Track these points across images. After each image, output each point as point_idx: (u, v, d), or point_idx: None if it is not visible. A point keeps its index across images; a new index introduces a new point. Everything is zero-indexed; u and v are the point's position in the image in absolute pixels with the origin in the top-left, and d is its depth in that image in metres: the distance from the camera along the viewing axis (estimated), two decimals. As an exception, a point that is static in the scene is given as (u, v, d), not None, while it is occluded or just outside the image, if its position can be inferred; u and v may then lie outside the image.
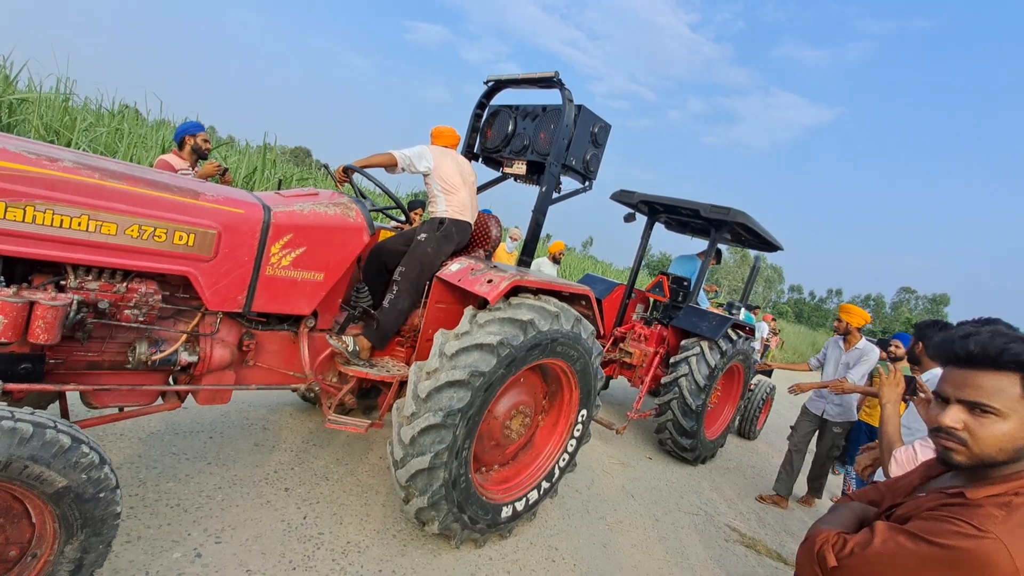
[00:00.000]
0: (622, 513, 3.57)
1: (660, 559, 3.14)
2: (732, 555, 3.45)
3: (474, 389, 2.31)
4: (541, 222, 3.09)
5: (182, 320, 2.16)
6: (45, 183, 1.65)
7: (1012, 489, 0.99)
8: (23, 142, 1.78)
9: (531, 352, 2.50)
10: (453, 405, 2.27)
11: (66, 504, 1.49)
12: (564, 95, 2.95)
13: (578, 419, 3.02)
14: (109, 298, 1.87)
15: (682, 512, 3.85)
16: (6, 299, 1.60)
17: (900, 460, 1.83)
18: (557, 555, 2.85)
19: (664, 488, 4.18)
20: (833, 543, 1.09)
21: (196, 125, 3.88)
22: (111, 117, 8.36)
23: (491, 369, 2.33)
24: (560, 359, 2.72)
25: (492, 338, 2.34)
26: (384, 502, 2.87)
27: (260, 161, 9.55)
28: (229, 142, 13.21)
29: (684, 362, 4.45)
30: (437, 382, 2.27)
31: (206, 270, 2.03)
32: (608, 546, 3.11)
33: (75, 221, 1.71)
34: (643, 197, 5.05)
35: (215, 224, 2.01)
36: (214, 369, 2.21)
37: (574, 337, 2.70)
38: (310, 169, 14.58)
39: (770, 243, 5.23)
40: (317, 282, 2.39)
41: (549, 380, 3.01)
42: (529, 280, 2.60)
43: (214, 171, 3.76)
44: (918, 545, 0.97)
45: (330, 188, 4.00)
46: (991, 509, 0.96)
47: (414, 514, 2.42)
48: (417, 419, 2.28)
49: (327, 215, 2.37)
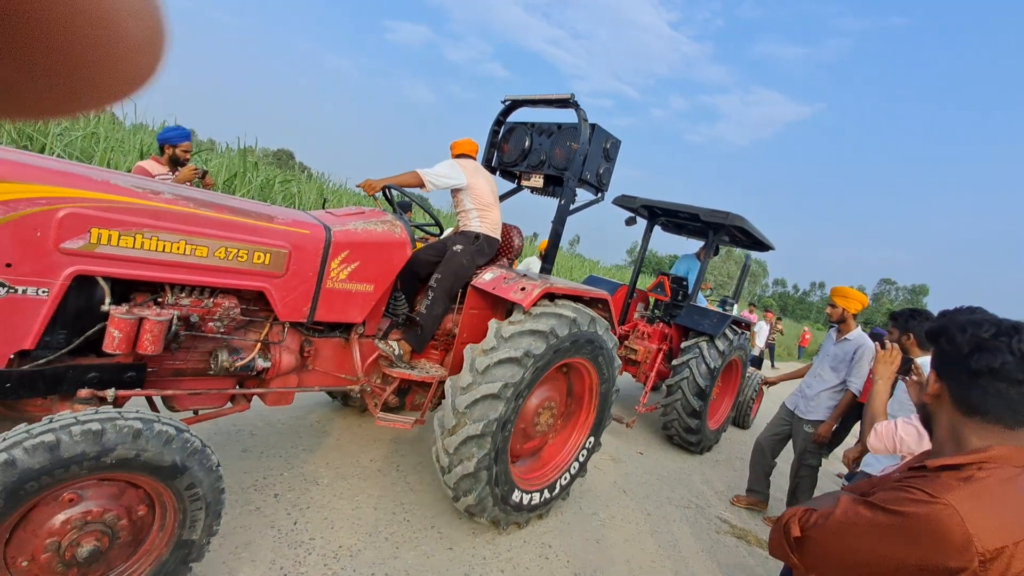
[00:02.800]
0: (614, 508, 3.67)
1: (653, 552, 3.24)
2: (723, 546, 3.58)
3: (506, 399, 2.60)
4: (560, 231, 3.40)
5: (252, 330, 2.42)
6: (151, 213, 1.91)
7: (974, 461, 1.02)
8: (122, 176, 2.03)
9: (555, 356, 2.80)
10: (489, 415, 2.56)
11: (182, 483, 1.75)
12: (580, 115, 3.26)
13: (599, 407, 3.34)
14: (199, 312, 2.13)
15: (673, 505, 3.99)
16: (122, 316, 1.86)
17: (880, 432, 1.94)
18: (550, 552, 2.94)
19: (655, 483, 4.32)
20: (799, 516, 1.13)
21: (180, 134, 3.75)
22: (86, 121, 8.31)
23: (520, 379, 2.62)
24: (580, 356, 3.03)
25: (518, 352, 2.61)
26: (376, 504, 2.91)
27: (241, 164, 9.53)
28: (210, 145, 13.19)
29: (685, 366, 4.82)
30: (474, 396, 2.55)
31: (279, 285, 2.30)
32: (601, 542, 3.20)
33: (175, 246, 1.97)
34: (644, 202, 5.40)
35: (287, 244, 2.28)
36: (282, 373, 2.49)
37: (590, 335, 3.00)
38: (293, 171, 14.59)
39: (763, 243, 5.62)
40: (368, 292, 2.67)
41: (571, 374, 3.31)
42: (557, 287, 2.91)
43: (192, 176, 3.64)
44: (875, 513, 1.00)
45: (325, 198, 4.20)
46: (948, 479, 0.99)
47: (464, 509, 2.73)
48: (459, 431, 2.56)
49: (377, 232, 2.64)
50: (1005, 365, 1.00)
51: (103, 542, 1.65)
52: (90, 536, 1.62)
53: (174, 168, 3.75)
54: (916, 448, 1.83)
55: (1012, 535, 0.91)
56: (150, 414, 1.73)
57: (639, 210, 5.67)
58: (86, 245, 1.77)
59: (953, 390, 1.09)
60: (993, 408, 1.04)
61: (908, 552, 0.95)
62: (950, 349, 1.09)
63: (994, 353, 1.02)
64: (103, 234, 1.80)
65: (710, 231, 5.42)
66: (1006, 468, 0.99)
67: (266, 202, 8.72)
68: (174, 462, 1.72)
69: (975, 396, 1.05)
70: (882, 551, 0.98)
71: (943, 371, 1.12)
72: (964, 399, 1.07)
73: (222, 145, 12.91)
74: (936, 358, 1.15)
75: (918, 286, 76.41)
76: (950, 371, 1.10)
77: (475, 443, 2.56)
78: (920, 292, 75.03)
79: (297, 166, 19.07)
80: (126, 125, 10.09)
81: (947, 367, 1.11)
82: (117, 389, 1.94)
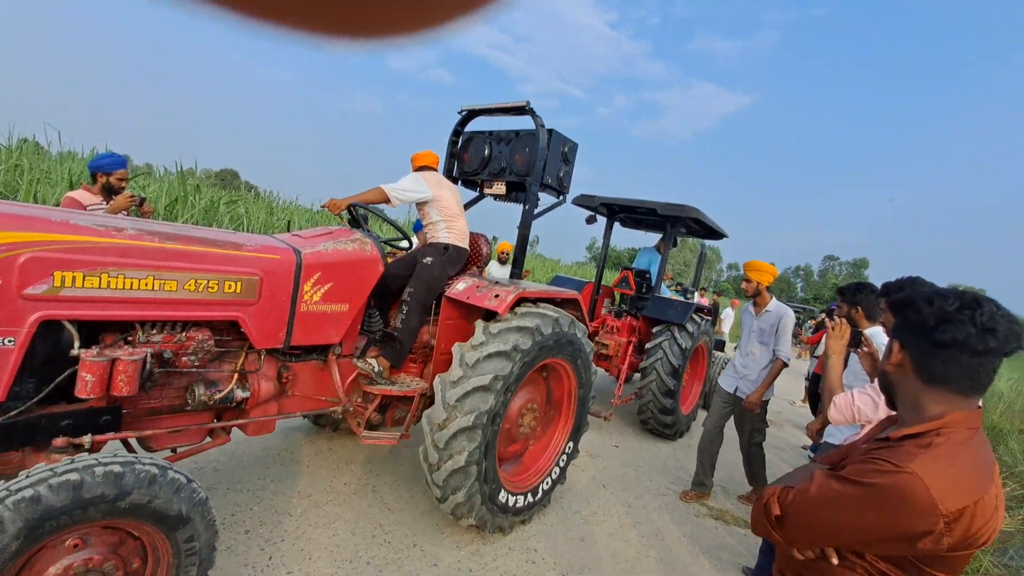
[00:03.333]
0: (595, 504, 3.73)
1: (637, 544, 3.31)
2: (703, 529, 3.70)
3: (496, 392, 2.67)
4: (527, 235, 3.48)
5: (227, 361, 2.39)
6: (116, 251, 1.87)
7: (932, 428, 1.08)
8: (81, 215, 1.97)
9: (540, 353, 2.89)
10: (480, 407, 2.62)
11: (183, 535, 1.73)
12: (536, 122, 3.36)
13: (577, 412, 3.44)
14: (172, 348, 2.09)
15: (652, 495, 4.08)
16: (94, 359, 1.81)
17: (839, 404, 2.04)
18: (536, 556, 2.95)
19: (633, 474, 4.41)
20: (778, 495, 1.18)
21: (114, 161, 3.55)
22: (8, 153, 7.80)
23: (509, 372, 2.71)
24: (560, 357, 3.13)
25: (507, 345, 2.71)
26: (353, 529, 2.86)
27: (181, 188, 9.16)
28: (147, 171, 12.58)
29: (658, 348, 5.02)
30: (464, 389, 2.62)
31: (252, 313, 2.28)
32: (586, 539, 3.24)
33: (143, 282, 1.93)
34: (603, 200, 5.57)
35: (257, 271, 2.26)
36: (262, 402, 2.46)
37: (571, 336, 3.11)
38: (239, 191, 14.09)
39: (718, 232, 5.90)
40: (343, 312, 2.67)
41: (550, 376, 3.40)
42: (530, 291, 2.99)
43: (128, 204, 3.45)
44: (846, 486, 1.05)
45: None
46: (910, 448, 1.06)
47: (451, 511, 2.75)
48: (449, 424, 2.61)
49: (347, 251, 2.65)
50: (968, 338, 1.04)
51: None
52: None
53: (108, 197, 3.55)
54: (873, 416, 1.94)
55: (971, 495, 0.98)
56: (163, 461, 1.72)
57: (598, 208, 5.84)
58: (50, 289, 1.72)
59: (916, 360, 1.12)
60: (954, 377, 1.08)
61: (879, 520, 1.00)
62: (915, 320, 1.12)
63: (957, 326, 1.05)
64: (67, 276, 1.75)
65: (668, 224, 5.66)
66: (961, 431, 1.06)
67: (211, 226, 8.46)
68: (180, 512, 1.71)
69: (938, 366, 1.09)
70: (856, 521, 1.03)
71: (907, 341, 1.15)
72: (926, 368, 1.11)
73: (160, 169, 12.34)
74: (899, 329, 1.17)
75: (859, 260, 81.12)
76: (914, 342, 1.12)
77: (466, 435, 2.61)
78: (861, 265, 79.68)
79: (243, 185, 18.45)
80: (52, 154, 9.54)
81: (911, 338, 1.13)
82: (93, 434, 1.88)
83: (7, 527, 1.38)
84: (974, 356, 1.05)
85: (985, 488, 1.02)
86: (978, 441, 1.08)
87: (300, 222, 11.20)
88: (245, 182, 21.72)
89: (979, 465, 1.05)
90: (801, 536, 1.14)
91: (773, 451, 5.81)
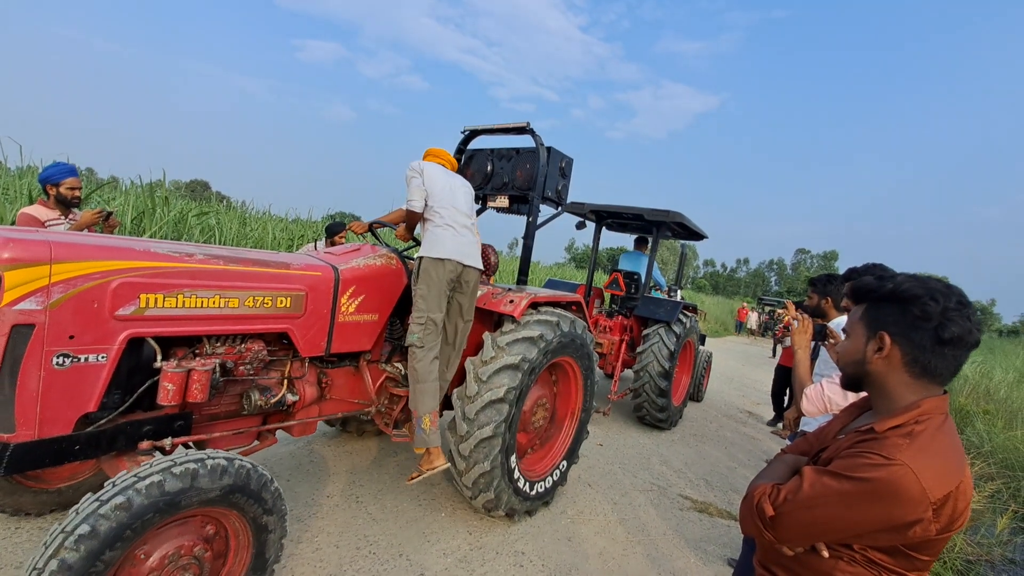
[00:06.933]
0: (582, 503, 3.80)
1: (623, 541, 3.38)
2: (688, 522, 3.82)
3: (510, 402, 2.98)
4: (531, 245, 3.82)
5: (275, 368, 2.65)
6: (189, 274, 2.13)
7: (912, 418, 1.10)
8: (157, 243, 2.22)
9: (546, 357, 3.22)
10: (496, 418, 2.93)
11: (244, 502, 1.97)
12: (536, 140, 3.70)
13: (585, 399, 3.80)
14: (232, 358, 2.36)
15: (637, 491, 4.18)
16: (174, 370, 2.07)
17: (810, 396, 2.14)
18: (524, 559, 2.98)
19: (618, 471, 4.52)
20: (769, 494, 1.17)
21: (61, 170, 3.41)
22: None
23: (519, 382, 3.01)
24: (565, 355, 3.47)
25: (515, 358, 3.00)
26: (337, 542, 2.86)
27: (149, 200, 8.94)
28: (113, 183, 12.35)
29: (648, 349, 5.43)
30: (481, 403, 2.91)
31: (299, 325, 2.56)
32: (573, 539, 3.29)
33: (211, 301, 2.20)
34: (592, 207, 5.96)
35: (303, 287, 2.54)
36: (306, 405, 2.74)
37: (572, 335, 3.45)
38: (210, 203, 13.91)
39: (699, 234, 6.36)
40: (374, 322, 2.96)
41: (556, 372, 3.74)
42: (540, 296, 3.33)
43: (94, 219, 3.37)
44: (840, 482, 1.06)
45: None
46: (896, 439, 1.06)
47: (482, 506, 3.08)
48: (471, 436, 2.92)
49: (377, 266, 2.95)
50: (967, 335, 1.08)
51: None
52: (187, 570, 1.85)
53: (64, 210, 3.46)
54: (844, 403, 2.02)
55: (954, 480, 1.03)
56: (250, 460, 2.02)
57: (588, 215, 6.23)
58: (137, 310, 1.98)
59: (909, 354, 1.13)
60: (944, 371, 1.12)
61: (874, 513, 1.03)
62: (920, 315, 1.10)
63: (960, 323, 1.07)
64: (150, 298, 2.01)
65: (653, 228, 6.08)
66: (936, 417, 1.10)
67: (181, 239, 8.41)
68: (265, 502, 2.04)
69: (934, 361, 1.10)
70: (850, 516, 1.05)
71: (903, 336, 1.13)
72: (920, 363, 1.12)
73: (126, 182, 12.12)
74: (894, 322, 1.15)
75: (829, 252, 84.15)
76: (915, 338, 1.11)
77: (487, 444, 2.93)
78: (831, 257, 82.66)
79: (214, 196, 18.26)
80: (11, 169, 9.38)
81: (911, 333, 1.12)
82: (172, 438, 2.14)
83: (135, 509, 1.65)
84: (967, 351, 1.10)
85: (963, 471, 1.07)
86: (949, 425, 1.12)
87: (275, 232, 11.19)
88: (216, 192, 21.49)
89: (955, 449, 1.09)
90: (795, 535, 1.15)
91: (753, 442, 6.29)
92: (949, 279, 1.44)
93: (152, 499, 1.68)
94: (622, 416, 6.14)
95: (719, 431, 6.46)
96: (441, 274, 2.87)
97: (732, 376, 11.44)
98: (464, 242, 2.98)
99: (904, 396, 1.14)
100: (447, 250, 2.89)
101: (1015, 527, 4.34)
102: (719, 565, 3.31)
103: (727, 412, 7.71)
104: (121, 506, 1.64)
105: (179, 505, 1.75)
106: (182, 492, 1.75)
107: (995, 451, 5.85)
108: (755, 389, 10.14)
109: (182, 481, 1.74)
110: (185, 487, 1.75)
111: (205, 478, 1.80)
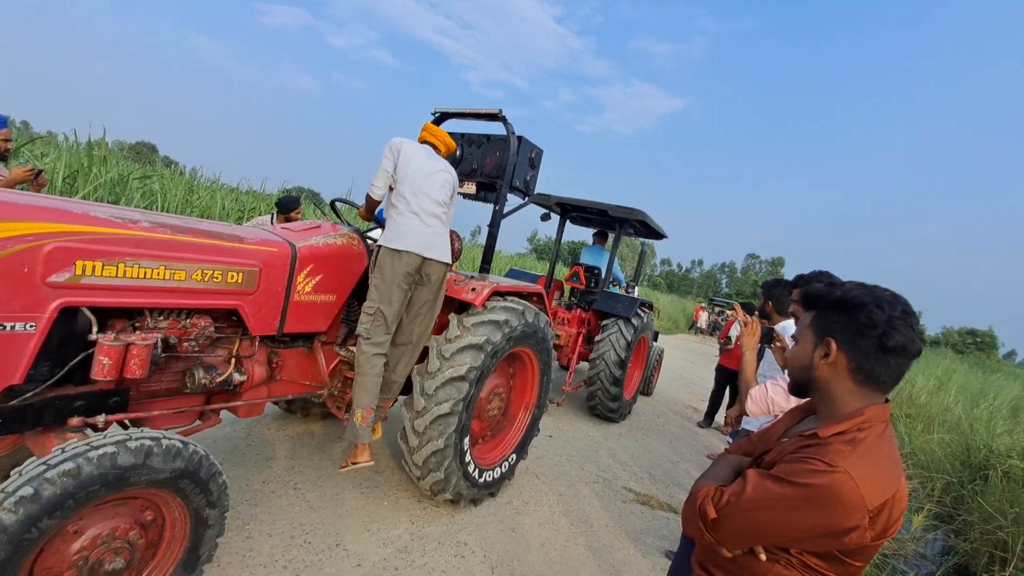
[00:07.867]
0: (528, 494, 3.80)
1: (566, 532, 3.41)
2: (630, 514, 3.89)
3: (470, 381, 2.99)
4: (496, 234, 3.81)
5: (222, 346, 2.55)
6: (132, 242, 2.01)
7: (855, 425, 1.10)
8: (100, 207, 2.07)
9: (508, 344, 3.24)
10: (455, 395, 2.93)
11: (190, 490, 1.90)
12: (508, 129, 3.67)
13: (540, 394, 3.84)
14: (176, 334, 2.25)
15: (583, 483, 4.23)
16: (111, 343, 1.96)
17: (755, 397, 2.18)
18: (466, 550, 2.95)
19: (565, 463, 4.56)
20: (712, 496, 1.18)
21: None
22: None
23: (481, 363, 3.03)
24: (525, 345, 3.50)
25: (480, 338, 3.02)
26: (270, 531, 2.74)
27: (86, 158, 8.38)
28: (48, 138, 11.49)
29: (606, 339, 5.54)
30: (441, 379, 2.90)
31: (251, 302, 2.46)
32: (516, 530, 3.28)
33: (155, 272, 2.08)
34: (558, 200, 6.00)
35: (257, 262, 2.44)
36: (255, 385, 2.64)
37: (535, 327, 3.49)
38: (154, 167, 13.10)
39: (659, 233, 6.51)
40: (331, 302, 2.88)
41: (514, 364, 3.76)
42: (502, 286, 3.33)
43: (24, 176, 3.22)
44: (783, 487, 1.07)
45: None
46: (839, 445, 1.07)
47: (429, 487, 3.06)
48: (428, 412, 2.90)
49: (337, 245, 2.86)
50: (910, 344, 1.09)
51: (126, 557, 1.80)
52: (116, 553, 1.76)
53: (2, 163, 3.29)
54: (786, 405, 2.08)
55: (890, 489, 1.05)
56: (182, 437, 1.91)
57: (553, 207, 6.26)
58: (71, 277, 1.85)
59: (854, 361, 1.14)
60: (887, 378, 1.13)
61: (814, 518, 1.04)
62: (866, 323, 1.11)
63: (904, 332, 1.09)
64: (87, 265, 1.88)
65: (616, 224, 6.18)
66: (877, 425, 1.12)
67: (119, 202, 7.92)
68: (200, 481, 1.94)
69: (878, 369, 1.12)
70: (791, 520, 1.07)
71: (848, 342, 1.14)
72: (864, 370, 1.13)
73: (64, 138, 11.25)
74: (841, 328, 1.16)
75: (776, 258, 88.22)
76: (860, 345, 1.12)
77: (444, 421, 2.91)
78: (778, 264, 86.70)
79: (160, 160, 17.21)
80: None
81: (856, 340, 1.13)
82: (106, 415, 2.02)
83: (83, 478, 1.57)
84: (910, 360, 1.12)
85: (899, 480, 1.09)
86: (889, 434, 1.14)
87: (224, 202, 10.68)
88: (164, 157, 20.22)
89: (893, 458, 1.11)
90: (736, 538, 1.16)
91: (696, 438, 6.54)
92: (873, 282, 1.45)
93: (102, 470, 1.61)
94: (573, 409, 6.24)
95: (665, 425, 6.69)
96: (397, 266, 2.76)
97: (681, 373, 11.84)
98: (429, 233, 2.86)
99: (848, 403, 1.16)
100: (406, 241, 2.76)
101: (928, 524, 4.72)
102: (657, 557, 3.40)
103: (674, 407, 7.98)
104: (69, 472, 1.56)
105: (127, 481, 1.68)
106: (133, 468, 1.68)
107: (914, 453, 6.35)
108: (702, 386, 10.55)
109: (135, 456, 1.68)
110: (137, 463, 1.68)
111: (158, 457, 1.73)
